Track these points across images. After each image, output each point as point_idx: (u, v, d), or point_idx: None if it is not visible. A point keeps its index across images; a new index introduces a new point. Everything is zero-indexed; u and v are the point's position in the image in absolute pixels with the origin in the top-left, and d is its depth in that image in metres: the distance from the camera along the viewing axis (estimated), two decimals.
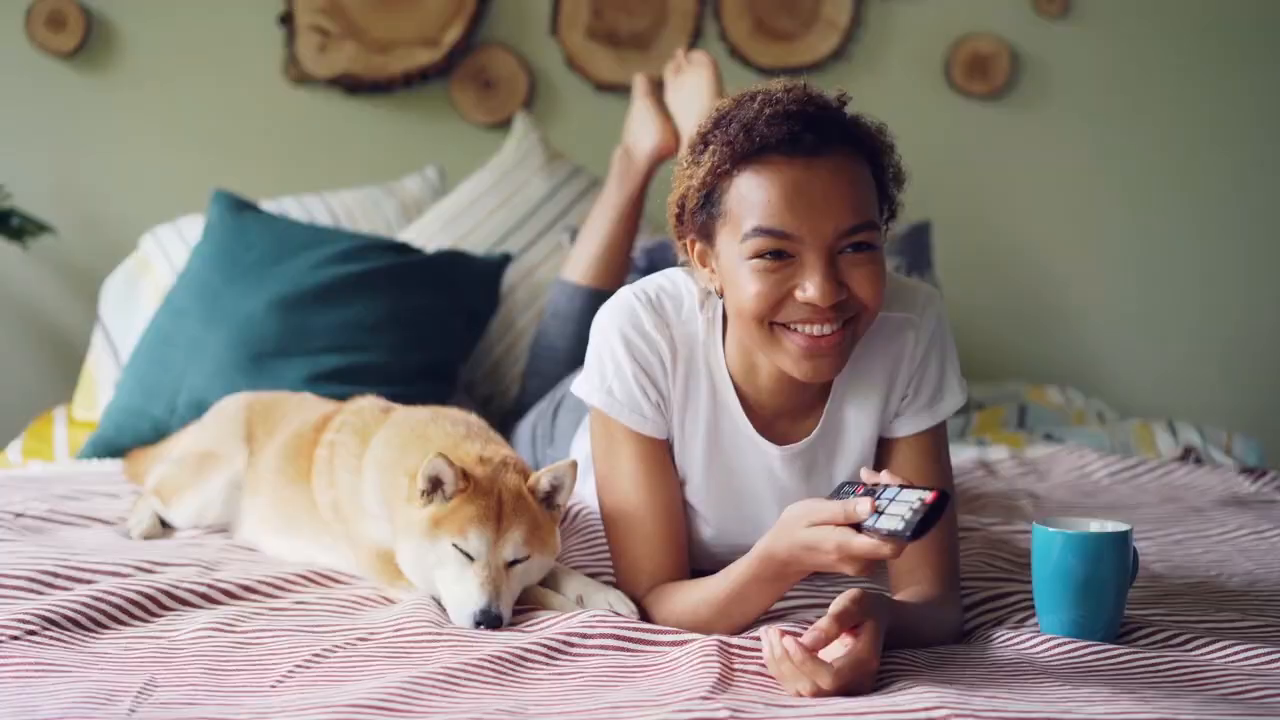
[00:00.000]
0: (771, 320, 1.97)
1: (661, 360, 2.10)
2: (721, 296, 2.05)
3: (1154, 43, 4.21)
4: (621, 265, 3.18)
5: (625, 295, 2.14)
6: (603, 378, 2.12)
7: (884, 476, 1.80)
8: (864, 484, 1.82)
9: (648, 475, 2.12)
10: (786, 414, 2.14)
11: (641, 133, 3.21)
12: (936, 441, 2.15)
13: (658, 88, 3.29)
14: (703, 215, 2.00)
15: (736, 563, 1.98)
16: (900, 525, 1.70)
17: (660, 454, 2.14)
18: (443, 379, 3.22)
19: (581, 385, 2.15)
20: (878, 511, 1.74)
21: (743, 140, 1.94)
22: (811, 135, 1.93)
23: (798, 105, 1.95)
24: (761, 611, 1.99)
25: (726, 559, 2.13)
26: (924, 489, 1.72)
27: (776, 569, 1.91)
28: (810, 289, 1.92)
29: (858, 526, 1.76)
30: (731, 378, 2.11)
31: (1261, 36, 4.22)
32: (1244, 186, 4.27)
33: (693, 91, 3.20)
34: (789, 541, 1.85)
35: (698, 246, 2.05)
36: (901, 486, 1.76)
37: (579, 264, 3.19)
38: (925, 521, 1.69)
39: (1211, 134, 4.24)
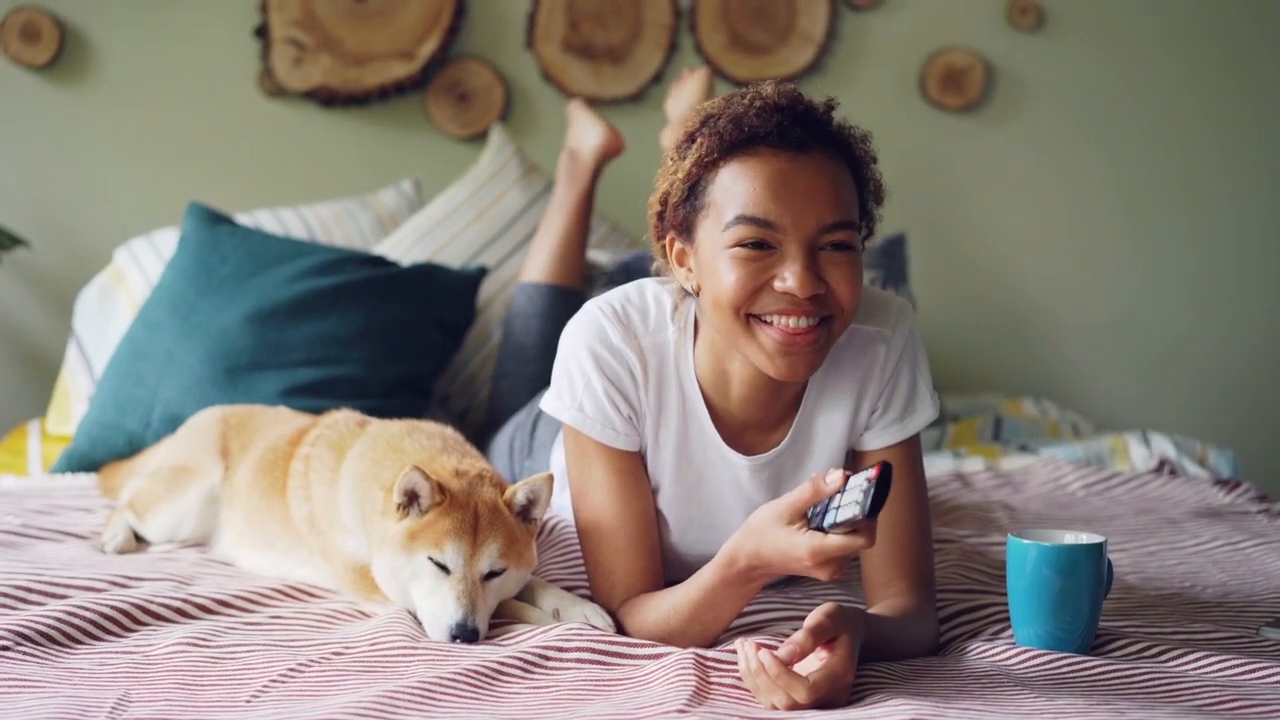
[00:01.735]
0: (748, 312, 1.97)
1: (631, 373, 2.10)
2: (698, 295, 2.05)
3: (1127, 55, 4.23)
4: (578, 262, 3.28)
5: (591, 310, 2.14)
6: (573, 394, 2.12)
7: (831, 477, 1.79)
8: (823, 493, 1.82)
9: (621, 489, 2.12)
10: (755, 425, 2.14)
11: (585, 134, 3.38)
12: (907, 455, 2.14)
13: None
14: (686, 208, 2.02)
15: (703, 569, 1.98)
16: (855, 510, 1.71)
17: (633, 466, 2.14)
18: (418, 392, 3.22)
19: (551, 401, 2.15)
20: (835, 508, 1.75)
21: (731, 130, 1.96)
22: (800, 130, 1.95)
23: (788, 101, 1.98)
24: (732, 616, 1.99)
25: (691, 564, 2.15)
26: (867, 471, 1.73)
27: (742, 572, 1.91)
28: (790, 279, 1.93)
29: (822, 531, 1.77)
30: (701, 388, 2.12)
31: (1234, 49, 4.24)
32: (1220, 198, 4.29)
33: (686, 96, 3.49)
34: (756, 544, 1.86)
35: (677, 245, 2.06)
36: (848, 477, 1.77)
37: (536, 266, 3.29)
38: (878, 497, 1.70)
39: (1186, 146, 4.26)
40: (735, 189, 1.95)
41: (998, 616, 2.11)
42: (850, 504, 1.73)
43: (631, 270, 3.44)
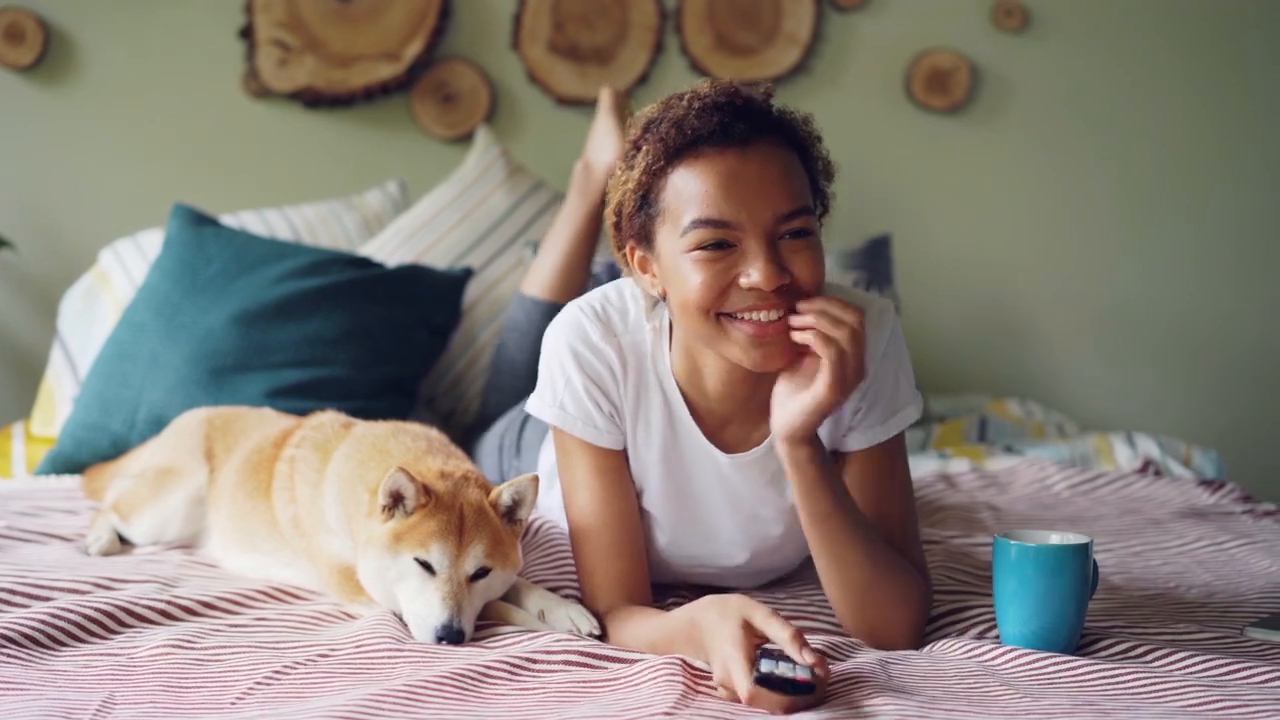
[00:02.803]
0: (718, 311, 1.97)
1: (611, 371, 2.12)
2: (664, 299, 2.06)
3: (1112, 57, 4.24)
4: (581, 279, 3.19)
5: (571, 310, 2.16)
6: (554, 393, 2.13)
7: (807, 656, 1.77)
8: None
9: (602, 487, 2.14)
10: (738, 420, 2.14)
11: (602, 147, 3.24)
12: (891, 455, 2.14)
13: (624, 99, 3.32)
14: (641, 217, 2.02)
15: (674, 612, 1.97)
16: (767, 669, 1.73)
17: (615, 465, 2.15)
18: (404, 394, 3.22)
19: (534, 402, 2.17)
20: (777, 660, 1.76)
21: (674, 135, 1.97)
22: (742, 125, 1.96)
23: (726, 97, 1.98)
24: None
25: (681, 568, 2.19)
26: (810, 672, 1.74)
27: (697, 635, 1.89)
28: (754, 274, 1.93)
29: (759, 669, 1.75)
30: (680, 385, 2.12)
31: (1219, 52, 4.25)
32: (1203, 201, 4.30)
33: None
34: (714, 625, 1.84)
35: (638, 253, 2.06)
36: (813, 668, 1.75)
37: (538, 278, 3.20)
38: (782, 683, 1.71)
39: (1170, 148, 4.27)
40: (687, 192, 1.96)
41: (984, 617, 2.12)
42: (785, 667, 1.74)
43: (617, 270, 3.44)
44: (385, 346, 3.20)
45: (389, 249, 3.57)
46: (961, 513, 2.88)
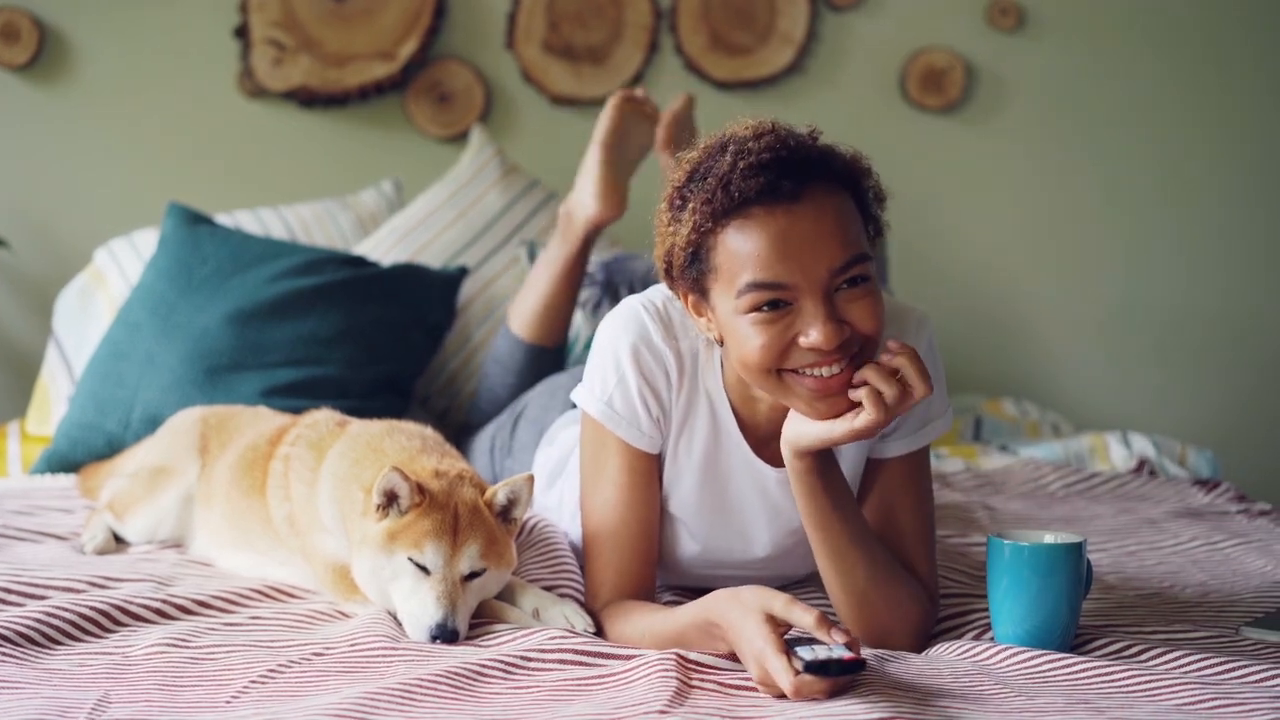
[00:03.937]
0: (778, 368, 1.95)
1: (667, 374, 2.10)
2: (721, 345, 2.03)
3: (1108, 55, 4.24)
4: (560, 324, 3.09)
5: (633, 306, 2.13)
6: (604, 388, 2.11)
7: (836, 634, 1.78)
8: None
9: (631, 489, 2.12)
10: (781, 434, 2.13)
11: (583, 198, 3.04)
12: (914, 466, 2.14)
13: (617, 138, 3.08)
14: (692, 272, 1.98)
15: (686, 606, 1.98)
16: (809, 657, 1.73)
17: (648, 468, 2.13)
18: (399, 392, 3.22)
19: (581, 392, 2.14)
20: (812, 647, 1.77)
21: (721, 197, 1.91)
22: (789, 181, 1.90)
23: (770, 153, 1.92)
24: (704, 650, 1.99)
25: (706, 575, 2.18)
26: (847, 650, 1.75)
27: (713, 631, 1.91)
28: (814, 334, 1.90)
29: (792, 652, 1.76)
30: (730, 398, 2.11)
31: (1212, 51, 4.25)
32: (1196, 200, 4.30)
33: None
34: (736, 620, 1.85)
35: (691, 298, 2.03)
36: (848, 646, 1.77)
37: (520, 316, 3.11)
38: (828, 665, 1.73)
39: (1164, 148, 4.28)
40: (740, 254, 1.91)
41: (978, 617, 2.12)
42: (821, 648, 1.75)
43: (614, 270, 3.43)
44: (380, 345, 3.20)
45: (384, 248, 3.57)
46: (956, 512, 2.89)
